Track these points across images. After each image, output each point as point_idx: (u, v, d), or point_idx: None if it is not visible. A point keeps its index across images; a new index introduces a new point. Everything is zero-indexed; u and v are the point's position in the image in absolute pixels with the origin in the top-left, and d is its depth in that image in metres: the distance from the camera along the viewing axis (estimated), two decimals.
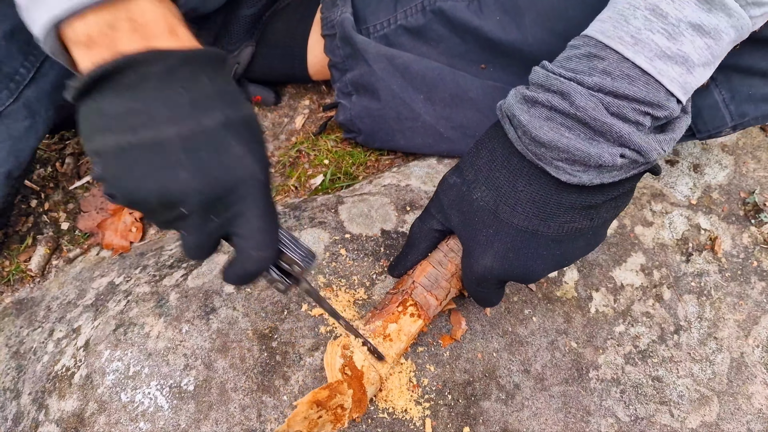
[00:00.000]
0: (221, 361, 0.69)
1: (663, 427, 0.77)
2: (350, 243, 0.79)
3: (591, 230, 0.61)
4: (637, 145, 0.54)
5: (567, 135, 0.55)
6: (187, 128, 0.44)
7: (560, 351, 0.78)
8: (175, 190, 0.44)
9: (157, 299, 0.75)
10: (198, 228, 0.47)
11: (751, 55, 0.73)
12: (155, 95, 0.44)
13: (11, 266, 0.94)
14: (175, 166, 0.43)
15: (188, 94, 0.44)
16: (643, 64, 0.53)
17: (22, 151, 0.80)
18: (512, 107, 0.58)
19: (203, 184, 0.44)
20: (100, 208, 0.98)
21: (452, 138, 0.93)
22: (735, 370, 0.82)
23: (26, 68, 0.76)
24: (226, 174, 0.45)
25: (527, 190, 0.60)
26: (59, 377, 0.72)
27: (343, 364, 0.62)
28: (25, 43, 0.74)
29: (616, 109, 0.53)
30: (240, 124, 0.47)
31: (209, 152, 0.44)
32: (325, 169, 1.03)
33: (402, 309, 0.68)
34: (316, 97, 1.12)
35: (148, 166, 0.43)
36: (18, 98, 0.77)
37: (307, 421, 0.57)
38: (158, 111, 0.43)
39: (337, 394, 0.58)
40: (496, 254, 0.62)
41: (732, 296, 0.87)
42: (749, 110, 0.77)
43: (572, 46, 0.58)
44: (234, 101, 0.47)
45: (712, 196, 0.94)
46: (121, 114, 0.43)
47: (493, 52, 0.88)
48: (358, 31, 0.94)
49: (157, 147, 0.43)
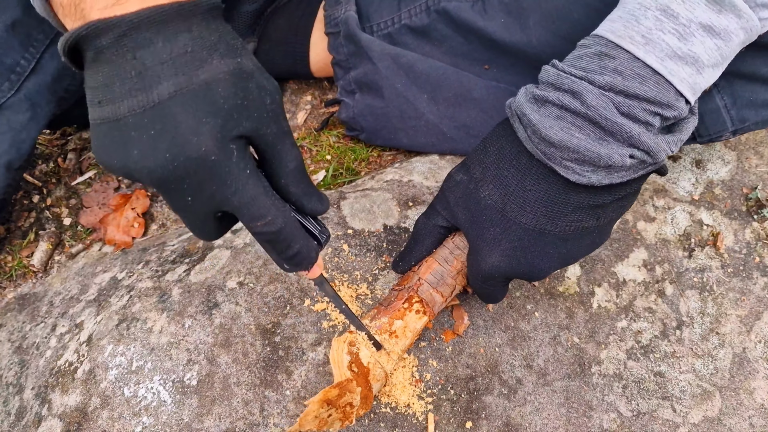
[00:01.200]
0: (224, 356, 0.69)
1: (665, 422, 0.77)
2: (353, 238, 0.79)
3: (597, 229, 0.62)
4: (647, 145, 0.54)
5: (577, 135, 0.55)
6: (137, 102, 0.43)
7: (562, 346, 0.78)
8: (131, 169, 0.43)
9: (160, 294, 0.75)
10: (181, 208, 0.47)
11: (753, 61, 0.73)
12: (110, 69, 0.43)
13: (13, 261, 0.94)
14: (128, 143, 0.43)
15: (139, 64, 0.43)
16: (654, 63, 0.53)
17: (23, 143, 0.80)
18: (522, 106, 0.58)
19: (153, 164, 0.43)
20: (102, 204, 0.98)
21: (455, 137, 0.93)
22: (737, 365, 0.82)
23: (27, 60, 0.76)
24: (175, 152, 0.43)
25: (536, 189, 0.60)
26: (62, 372, 0.72)
27: (350, 361, 0.62)
28: (26, 36, 0.74)
29: (627, 109, 0.53)
30: (195, 91, 0.43)
31: (157, 128, 0.43)
32: (327, 164, 1.03)
33: (408, 306, 0.68)
34: (318, 92, 1.12)
35: (110, 142, 0.44)
36: (19, 90, 0.77)
37: (317, 420, 0.57)
38: (115, 85, 0.43)
39: (347, 393, 0.59)
40: (503, 253, 0.62)
41: (734, 292, 0.87)
42: (750, 115, 0.78)
43: (582, 45, 0.58)
44: (194, 63, 0.44)
45: (714, 191, 0.94)
46: (93, 88, 0.44)
47: (496, 52, 0.88)
48: (361, 29, 0.94)
49: (115, 124, 0.43)
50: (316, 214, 0.54)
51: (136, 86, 0.43)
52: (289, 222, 0.50)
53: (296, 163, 0.50)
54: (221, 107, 0.44)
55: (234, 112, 0.45)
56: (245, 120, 0.45)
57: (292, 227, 0.50)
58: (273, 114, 0.48)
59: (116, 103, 0.43)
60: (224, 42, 0.46)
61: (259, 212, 0.48)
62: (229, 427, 0.66)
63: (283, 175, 0.50)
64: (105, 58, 0.43)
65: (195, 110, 0.43)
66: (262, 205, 0.47)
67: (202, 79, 0.44)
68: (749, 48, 0.69)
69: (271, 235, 0.49)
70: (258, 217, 0.48)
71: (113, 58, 0.43)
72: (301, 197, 0.52)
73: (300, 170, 0.51)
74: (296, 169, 0.50)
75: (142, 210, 0.96)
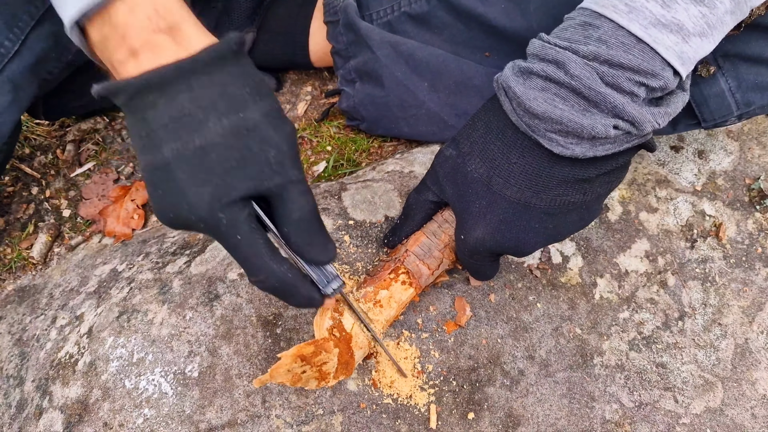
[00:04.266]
0: (225, 347, 0.69)
1: (667, 412, 0.77)
2: (354, 229, 0.79)
3: (584, 204, 0.62)
4: (631, 115, 0.54)
5: (560, 106, 0.55)
6: (150, 160, 0.45)
7: (564, 337, 0.78)
8: (160, 218, 0.48)
9: (161, 286, 0.74)
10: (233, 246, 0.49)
11: (758, 43, 0.72)
12: (130, 123, 0.46)
13: (13, 254, 0.94)
14: (151, 195, 0.47)
15: (147, 125, 0.45)
16: (638, 31, 0.53)
17: (3, 125, 0.78)
18: (508, 79, 0.58)
19: (164, 219, 0.47)
20: (101, 196, 0.98)
21: (456, 126, 0.92)
22: (739, 356, 0.82)
23: (11, 41, 0.74)
24: (176, 213, 0.46)
25: (520, 162, 0.60)
26: (63, 364, 0.72)
27: (331, 326, 0.62)
28: (10, 16, 0.72)
29: (611, 79, 0.53)
30: (190, 157, 0.45)
31: (163, 188, 0.46)
32: (327, 155, 1.02)
33: (394, 276, 0.69)
34: (318, 83, 1.11)
35: (146, 185, 0.48)
36: (1, 72, 0.75)
37: (290, 374, 0.57)
38: (136, 138, 0.46)
39: (323, 351, 0.59)
40: (487, 226, 0.63)
41: (736, 282, 0.87)
42: (755, 99, 0.77)
43: (568, 17, 0.59)
44: (191, 125, 0.45)
45: (717, 182, 0.94)
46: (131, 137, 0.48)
47: (497, 39, 0.87)
48: (360, 18, 0.93)
49: (145, 172, 0.47)
50: (318, 264, 0.54)
51: (147, 145, 0.45)
52: (284, 281, 0.50)
53: (301, 213, 0.50)
54: (213, 172, 0.45)
55: (227, 176, 0.45)
56: (240, 181, 0.46)
57: (287, 285, 0.50)
58: (277, 166, 0.48)
59: (140, 155, 0.47)
60: (226, 96, 0.46)
61: (251, 271, 0.49)
62: (230, 418, 0.65)
63: (286, 224, 0.50)
64: (126, 113, 0.46)
65: (190, 175, 0.45)
66: (253, 267, 0.49)
67: (197, 144, 0.45)
68: (754, 30, 0.68)
69: (265, 290, 0.51)
70: (249, 274, 0.50)
71: (129, 115, 0.46)
72: (302, 247, 0.51)
73: (306, 219, 0.50)
74: (301, 219, 0.50)
75: (142, 202, 0.96)
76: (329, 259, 0.53)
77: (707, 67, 0.75)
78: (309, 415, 0.67)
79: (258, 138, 0.47)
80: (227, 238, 0.47)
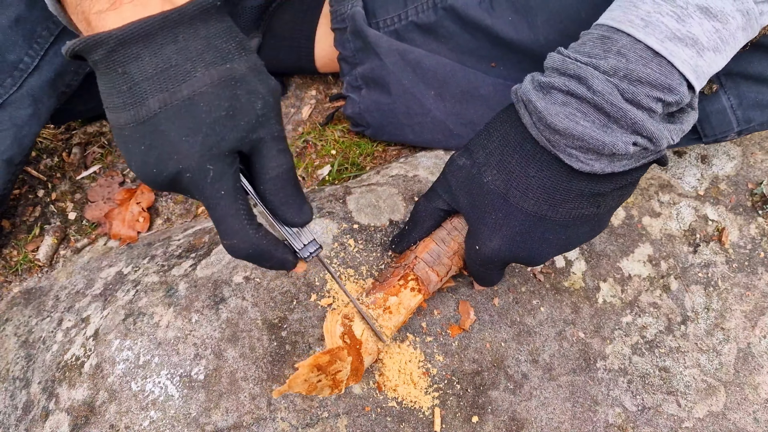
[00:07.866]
0: (231, 350, 0.69)
1: (670, 416, 0.77)
2: (358, 233, 0.79)
3: (596, 217, 0.62)
4: (650, 131, 0.54)
5: (582, 123, 0.55)
6: (131, 116, 0.45)
7: (568, 341, 0.78)
8: (135, 174, 0.47)
9: (166, 289, 0.75)
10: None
11: (759, 63, 0.74)
12: (107, 81, 0.45)
13: (19, 256, 0.94)
14: (128, 153, 0.46)
15: (129, 78, 0.44)
16: (655, 45, 0.53)
17: (24, 138, 0.80)
18: (528, 92, 0.59)
19: (144, 177, 0.46)
20: (107, 198, 0.98)
21: (462, 134, 0.93)
22: (742, 360, 0.82)
23: (30, 57, 0.76)
24: (161, 168, 0.45)
25: (538, 176, 0.61)
26: (69, 366, 0.72)
27: (342, 332, 0.63)
28: (29, 32, 0.74)
29: (631, 96, 0.54)
30: (178, 107, 0.44)
31: (147, 143, 0.45)
32: (332, 159, 1.03)
33: (403, 282, 0.69)
34: (322, 87, 1.12)
35: (120, 146, 0.47)
36: (21, 86, 0.77)
37: (307, 384, 0.57)
38: (113, 96, 0.45)
39: (337, 360, 0.59)
40: (504, 238, 0.63)
41: (739, 287, 0.87)
42: (755, 116, 0.79)
43: (585, 33, 0.59)
44: (178, 77, 0.44)
45: (719, 186, 0.94)
46: (101, 92, 0.46)
47: (504, 50, 0.88)
48: (368, 25, 0.93)
49: (119, 131, 0.46)
50: (291, 226, 0.53)
51: (128, 100, 0.44)
52: (258, 246, 0.50)
53: (279, 171, 0.50)
54: (203, 122, 0.45)
55: (216, 126, 0.45)
56: (230, 131, 0.46)
57: (261, 251, 0.50)
58: (263, 118, 0.48)
59: (118, 113, 0.45)
60: (212, 48, 0.46)
61: (225, 233, 0.49)
62: (236, 421, 0.66)
63: (263, 182, 0.50)
64: (101, 70, 0.45)
65: (178, 126, 0.44)
66: (229, 228, 0.48)
67: (185, 94, 0.44)
68: (756, 49, 0.70)
69: (237, 256, 0.51)
70: (224, 236, 0.49)
71: (107, 71, 0.44)
72: (278, 207, 0.51)
73: (282, 178, 0.50)
74: (277, 177, 0.50)
75: (147, 204, 0.96)
76: (304, 221, 0.52)
77: (710, 85, 0.77)
78: (314, 418, 0.67)
79: (245, 89, 0.47)
80: (211, 194, 0.47)
